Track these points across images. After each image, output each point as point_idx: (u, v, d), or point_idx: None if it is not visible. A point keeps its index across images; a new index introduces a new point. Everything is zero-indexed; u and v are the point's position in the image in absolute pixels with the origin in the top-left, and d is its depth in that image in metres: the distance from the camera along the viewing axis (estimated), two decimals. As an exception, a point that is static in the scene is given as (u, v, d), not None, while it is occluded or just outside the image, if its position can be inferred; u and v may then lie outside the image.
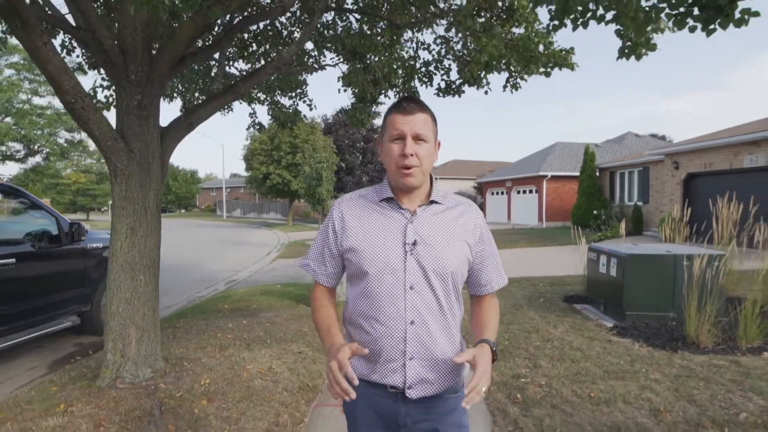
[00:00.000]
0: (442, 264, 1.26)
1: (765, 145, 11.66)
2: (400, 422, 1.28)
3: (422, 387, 1.26)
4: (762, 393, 3.13)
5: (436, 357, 1.26)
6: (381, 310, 1.25)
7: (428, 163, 1.28)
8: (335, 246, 1.35)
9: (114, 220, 3.20)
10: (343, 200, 1.39)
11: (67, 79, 2.58)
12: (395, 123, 1.26)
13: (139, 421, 2.80)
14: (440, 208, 1.33)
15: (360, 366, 1.30)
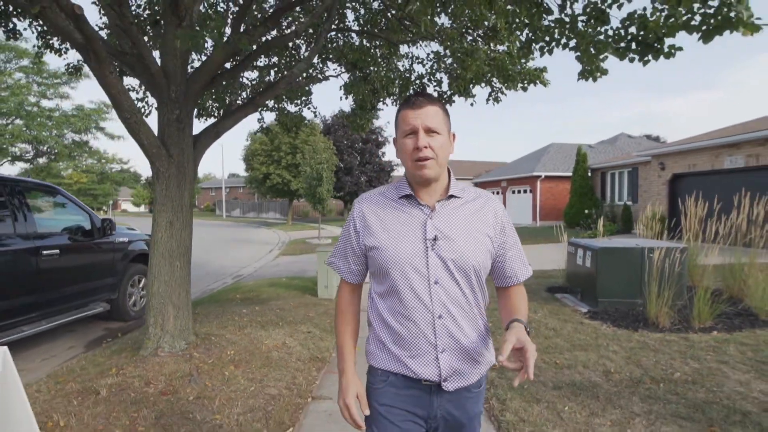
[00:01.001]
0: (464, 257, 1.27)
1: (744, 147, 12.30)
2: (431, 414, 1.31)
3: (457, 379, 1.29)
4: (698, 359, 3.74)
5: (467, 348, 1.29)
6: (407, 307, 1.27)
7: (443, 155, 1.29)
8: (357, 245, 1.37)
9: (155, 214, 3.79)
10: (363, 199, 1.41)
11: (126, 99, 3.18)
12: (407, 118, 1.28)
13: (181, 380, 3.40)
14: (459, 202, 1.34)
15: (392, 362, 1.32)
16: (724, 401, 2.98)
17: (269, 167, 29.06)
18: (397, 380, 1.31)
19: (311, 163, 15.87)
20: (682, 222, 6.43)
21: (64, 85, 19.03)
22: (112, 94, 3.12)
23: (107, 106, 19.23)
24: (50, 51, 5.86)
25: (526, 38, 3.68)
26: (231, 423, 2.87)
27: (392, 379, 1.31)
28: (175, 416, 2.94)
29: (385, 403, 1.32)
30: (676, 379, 3.37)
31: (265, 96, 4.38)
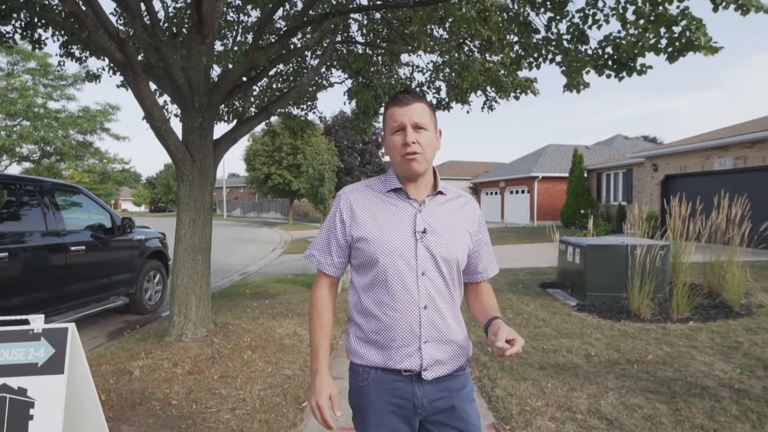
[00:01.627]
0: (450, 251, 1.32)
1: (732, 149, 12.71)
2: (417, 404, 1.32)
3: (437, 368, 1.32)
4: (671, 345, 4.13)
5: (449, 338, 1.33)
6: (395, 297, 1.30)
7: (430, 151, 1.33)
8: (343, 236, 1.38)
9: (180, 213, 4.17)
10: (349, 191, 1.43)
11: (157, 110, 3.56)
12: (394, 115, 1.32)
13: (205, 362, 3.78)
14: (444, 199, 1.40)
15: (374, 355, 1.34)
16: (688, 378, 3.37)
17: (270, 167, 29.41)
18: (378, 375, 1.33)
19: (313, 164, 16.24)
20: (667, 221, 6.82)
21: (69, 87, 19.38)
22: (145, 105, 3.50)
23: (112, 107, 19.58)
24: (71, 59, 6.23)
25: (516, 54, 4.07)
26: (253, 397, 3.26)
27: (374, 375, 1.34)
28: (203, 392, 3.32)
29: (371, 398, 1.34)
30: (649, 360, 3.76)
31: (277, 104, 4.77)
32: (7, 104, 16.96)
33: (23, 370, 2.23)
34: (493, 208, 29.04)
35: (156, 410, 3.05)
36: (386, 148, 1.38)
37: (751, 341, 4.14)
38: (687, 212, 6.71)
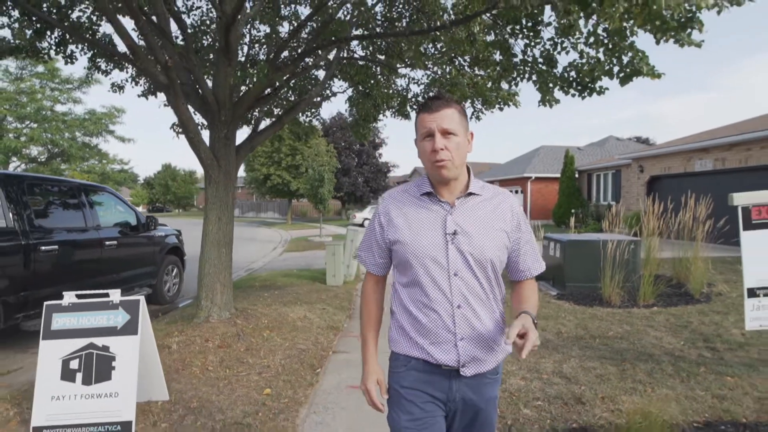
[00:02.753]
0: (481, 251, 1.34)
1: (712, 152, 13.42)
2: (450, 397, 1.38)
3: (475, 365, 1.36)
4: (631, 324, 4.80)
5: (484, 336, 1.36)
6: (429, 297, 1.35)
7: (460, 155, 1.35)
8: (382, 239, 1.46)
9: (206, 211, 4.80)
10: (388, 196, 1.50)
11: (192, 123, 4.19)
12: (424, 122, 1.35)
13: (232, 338, 4.42)
14: (478, 200, 1.41)
15: (413, 348, 1.40)
16: (638, 348, 4.03)
17: (270, 168, 29.99)
18: (418, 365, 1.39)
19: (313, 166, 16.87)
20: (642, 219, 7.49)
21: (76, 90, 19.92)
22: (182, 120, 4.13)
23: (118, 110, 20.15)
24: (98, 72, 6.84)
25: (498, 72, 4.73)
26: (276, 365, 3.89)
27: (413, 363, 1.39)
28: (233, 361, 3.95)
29: (406, 385, 1.40)
30: (609, 336, 4.43)
31: (289, 115, 5.41)
32: (18, 107, 17.51)
33: (106, 332, 2.87)
34: (488, 208, 29.65)
35: (197, 373, 3.68)
36: (418, 152, 1.42)
37: (700, 321, 4.81)
38: (660, 211, 7.41)
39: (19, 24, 5.82)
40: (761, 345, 3.99)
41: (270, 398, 3.28)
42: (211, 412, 3.04)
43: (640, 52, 3.64)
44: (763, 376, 3.31)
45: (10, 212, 4.42)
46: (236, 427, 2.84)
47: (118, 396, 2.79)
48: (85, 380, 2.81)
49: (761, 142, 11.83)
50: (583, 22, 3.11)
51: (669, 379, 3.34)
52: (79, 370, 2.82)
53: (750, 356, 3.74)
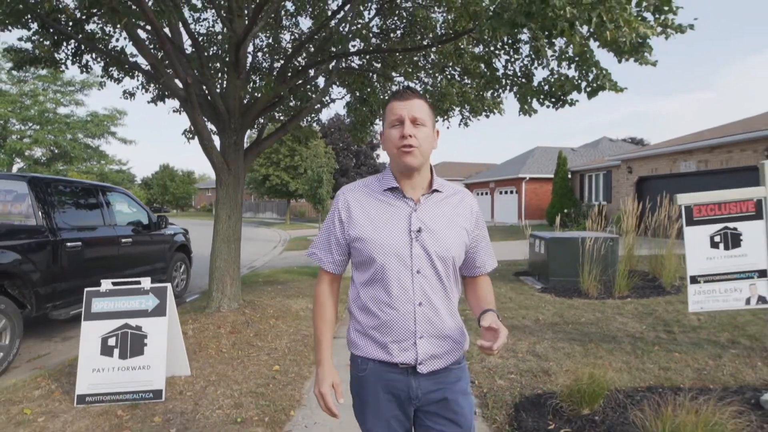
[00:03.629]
0: (445, 249, 1.34)
1: (695, 153, 13.96)
2: (412, 395, 1.36)
3: (432, 362, 1.35)
4: (603, 312, 5.29)
5: (443, 334, 1.36)
6: (391, 295, 1.33)
7: (427, 146, 1.34)
8: (341, 235, 1.41)
9: (217, 210, 5.27)
10: (347, 190, 1.45)
11: (206, 132, 4.66)
12: (394, 109, 1.34)
13: (241, 325, 4.89)
14: (441, 197, 1.41)
15: (371, 348, 1.38)
16: (605, 332, 4.53)
17: (268, 169, 30.42)
18: (376, 366, 1.38)
19: (312, 167, 17.34)
20: (622, 218, 7.99)
21: (78, 92, 20.33)
22: (197, 129, 4.60)
23: (119, 112, 20.57)
24: (111, 80, 7.29)
25: (482, 85, 5.22)
26: (282, 347, 4.37)
27: (371, 366, 1.39)
28: (243, 344, 4.42)
29: (368, 387, 1.39)
30: (581, 322, 4.92)
31: (292, 122, 5.89)
32: (22, 110, 17.91)
33: (138, 314, 3.35)
34: (484, 208, 30.23)
35: (212, 354, 4.16)
36: (384, 141, 1.40)
37: (664, 309, 5.31)
38: (639, 210, 7.92)
39: (39, 36, 6.27)
40: (712, 328, 4.49)
41: (278, 373, 3.76)
42: (229, 384, 3.51)
43: (604, 70, 4.13)
44: (706, 352, 3.80)
45: (39, 211, 4.87)
46: (252, 395, 3.31)
47: (149, 368, 3.27)
48: (122, 355, 3.28)
49: (741, 144, 12.37)
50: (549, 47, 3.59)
51: (626, 356, 3.84)
52: (116, 346, 3.30)
53: (700, 337, 4.24)
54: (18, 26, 5.80)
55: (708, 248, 3.59)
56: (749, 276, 3.55)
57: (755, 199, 3.53)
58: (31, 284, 4.54)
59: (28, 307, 4.55)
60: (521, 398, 3.10)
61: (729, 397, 2.82)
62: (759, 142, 11.81)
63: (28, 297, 4.55)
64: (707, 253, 3.58)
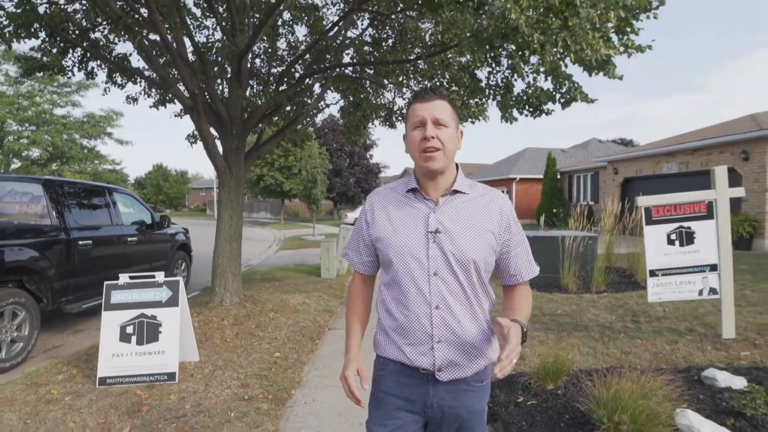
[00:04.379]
0: (463, 251, 1.30)
1: (677, 156, 14.49)
2: (427, 403, 1.34)
3: (452, 370, 1.31)
4: (579, 305, 5.71)
5: (464, 340, 1.31)
6: (408, 296, 1.33)
7: (451, 147, 1.32)
8: (367, 236, 1.44)
9: (220, 211, 5.62)
10: (374, 193, 1.48)
11: (211, 138, 5.02)
12: (416, 111, 1.32)
13: (243, 318, 5.25)
14: (465, 198, 1.37)
15: (392, 350, 1.38)
16: (578, 322, 4.94)
17: (263, 169, 30.67)
18: (396, 368, 1.36)
19: (307, 168, 17.67)
20: (602, 217, 8.43)
21: (74, 93, 20.51)
22: (203, 135, 4.96)
23: (116, 113, 20.79)
24: (114, 86, 7.61)
25: (467, 94, 5.63)
26: (282, 337, 4.74)
27: (392, 367, 1.38)
28: (246, 334, 4.79)
29: (383, 389, 1.38)
30: (558, 313, 5.34)
31: (290, 127, 6.25)
32: (20, 111, 18.09)
33: (153, 305, 3.71)
34: (475, 208, 30.66)
35: (218, 343, 4.52)
36: (406, 144, 1.38)
37: (635, 302, 5.74)
38: (618, 210, 8.37)
39: (48, 44, 6.58)
40: (674, 318, 4.92)
41: (279, 359, 4.13)
42: (235, 368, 3.88)
43: (575, 83, 4.55)
44: (665, 339, 4.23)
45: (53, 212, 5.20)
46: (256, 377, 3.68)
47: (164, 353, 3.63)
48: (139, 341, 3.64)
49: (719, 147, 12.90)
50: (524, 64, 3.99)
51: (594, 342, 4.25)
52: (134, 333, 3.65)
53: (662, 326, 4.67)
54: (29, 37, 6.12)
55: (665, 245, 4.01)
56: (702, 270, 3.98)
57: (707, 201, 3.96)
58: (47, 280, 4.87)
59: (44, 301, 4.88)
60: (497, 378, 3.49)
61: (676, 375, 3.24)
62: (736, 145, 12.34)
63: (44, 291, 4.88)
64: (664, 250, 4.00)
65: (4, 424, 2.98)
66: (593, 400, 2.52)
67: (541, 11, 3.33)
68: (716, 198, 3.93)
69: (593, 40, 3.50)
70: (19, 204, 5.23)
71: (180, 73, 4.33)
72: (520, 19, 3.04)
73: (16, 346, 4.37)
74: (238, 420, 2.99)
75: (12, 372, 4.16)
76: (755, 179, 11.78)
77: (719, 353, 3.77)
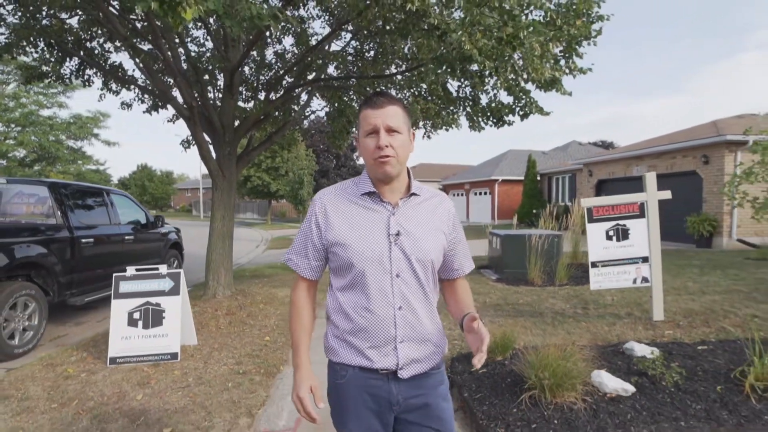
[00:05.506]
0: (424, 252, 1.35)
1: (646, 159, 15.32)
2: (393, 401, 1.36)
3: (413, 366, 1.36)
4: (539, 296, 6.34)
5: (424, 337, 1.37)
6: (371, 299, 1.33)
7: (403, 153, 1.35)
8: (319, 240, 1.41)
9: (213, 211, 6.12)
10: (323, 195, 1.44)
11: (205, 145, 5.52)
12: (368, 118, 1.33)
13: (235, 309, 5.75)
14: (419, 200, 1.42)
15: (351, 354, 1.37)
16: (536, 310, 5.56)
17: (249, 170, 30.92)
18: (356, 373, 1.37)
19: (294, 169, 18.14)
20: (572, 217, 9.10)
21: (60, 94, 20.63)
22: (198, 142, 5.46)
23: (103, 114, 20.96)
24: (109, 92, 8.03)
25: (439, 105, 6.22)
26: (271, 324, 5.26)
27: (351, 372, 1.38)
28: (238, 323, 5.30)
29: (351, 395, 1.38)
30: (519, 303, 5.96)
31: (278, 134, 6.78)
32: (6, 112, 18.21)
33: (157, 294, 4.21)
34: (459, 209, 31.44)
35: (212, 330, 5.02)
36: (360, 149, 1.39)
37: (590, 293, 6.39)
38: (583, 211, 9.01)
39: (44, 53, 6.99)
40: (618, 305, 5.57)
41: (269, 343, 4.66)
42: (229, 349, 4.40)
43: (531, 98, 5.16)
44: (606, 321, 4.86)
45: (58, 212, 5.64)
46: (249, 357, 4.21)
47: (167, 336, 4.13)
48: (144, 326, 4.13)
49: (683, 151, 13.74)
50: (483, 84, 4.60)
51: (545, 326, 4.86)
52: (140, 319, 4.15)
53: (607, 312, 5.31)
54: (30, 47, 6.53)
55: (604, 240, 4.64)
56: (635, 261, 4.62)
57: (639, 202, 4.60)
58: (54, 274, 5.32)
59: (51, 294, 5.32)
60: (458, 354, 4.07)
61: (606, 348, 3.86)
62: (698, 150, 13.17)
63: (51, 285, 5.32)
64: (604, 244, 4.64)
65: (30, 394, 3.46)
66: (527, 364, 3.10)
67: (493, 41, 3.92)
68: (647, 200, 4.57)
69: (539, 65, 4.11)
70: (27, 205, 5.66)
71: (178, 87, 4.83)
72: (473, 50, 3.62)
73: (27, 334, 4.82)
74: (234, 389, 3.51)
75: (24, 357, 4.61)
76: (714, 181, 12.61)
77: (647, 332, 4.41)
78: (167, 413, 3.12)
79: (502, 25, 3.71)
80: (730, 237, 12.35)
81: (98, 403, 3.29)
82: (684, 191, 13.73)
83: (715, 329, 4.43)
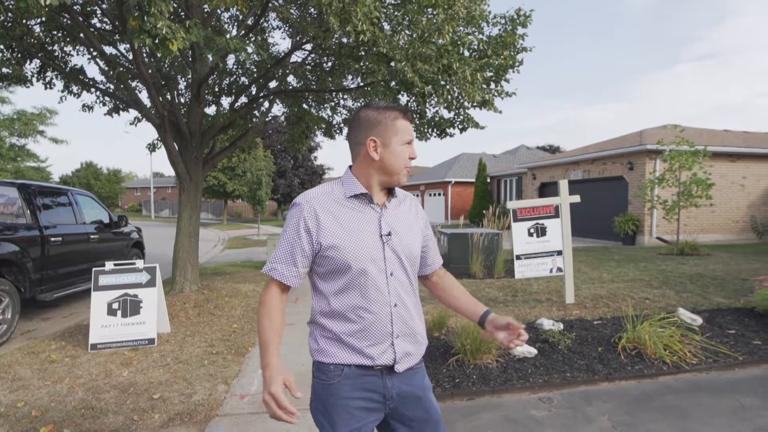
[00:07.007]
0: (411, 250, 1.46)
1: (581, 164, 16.81)
2: (387, 395, 1.42)
3: (407, 360, 1.44)
4: (477, 286, 7.21)
5: (415, 331, 1.46)
6: (368, 299, 1.38)
7: None
8: (309, 246, 1.39)
9: (180, 211, 6.55)
10: (311, 199, 1.42)
11: (175, 151, 5.97)
12: (408, 130, 1.43)
13: (203, 302, 6.22)
14: (397, 202, 1.50)
15: (346, 354, 1.39)
16: (479, 297, 6.38)
17: (205, 170, 30.67)
18: (351, 371, 1.39)
19: (252, 170, 18.41)
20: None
21: (2, 89, 19.77)
22: (168, 148, 5.90)
23: (50, 111, 20.26)
24: (70, 95, 8.20)
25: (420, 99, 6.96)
26: (237, 314, 5.80)
27: (347, 371, 1.39)
28: (206, 314, 5.79)
29: (344, 395, 1.38)
30: (460, 293, 6.78)
31: (241, 140, 7.28)
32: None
33: (135, 286, 4.68)
34: (415, 209, 32.42)
35: (183, 321, 5.50)
36: (388, 154, 1.40)
37: (521, 284, 7.33)
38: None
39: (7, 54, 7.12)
40: (542, 292, 6.52)
41: (237, 329, 5.20)
42: (201, 335, 4.92)
43: (468, 114, 6.00)
44: (528, 305, 5.76)
45: (28, 211, 5.89)
46: (220, 341, 4.75)
47: (144, 324, 4.60)
48: (123, 314, 4.58)
49: (612, 158, 15.25)
50: (425, 102, 5.37)
51: (479, 310, 5.69)
52: (119, 309, 4.59)
53: (531, 298, 6.23)
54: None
55: (527, 236, 5.53)
56: (551, 254, 5.53)
57: (554, 204, 5.52)
58: (26, 271, 5.60)
59: (23, 290, 5.59)
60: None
61: (522, 325, 4.71)
62: (624, 157, 14.70)
63: (23, 282, 5.59)
64: (526, 240, 5.52)
65: (21, 375, 3.86)
66: (455, 336, 3.87)
67: (434, 68, 4.68)
68: (561, 202, 5.49)
69: (471, 89, 4.92)
70: (-3, 205, 5.87)
71: (151, 98, 5.27)
72: (415, 77, 4.36)
73: (1, 327, 5.11)
74: (210, 365, 4.07)
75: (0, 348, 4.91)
76: (638, 186, 14.13)
77: (559, 312, 5.32)
78: (153, 385, 3.64)
79: (438, 57, 4.48)
80: (650, 235, 13.90)
81: (88, 379, 3.75)
82: (613, 194, 15.28)
83: (613, 309, 5.41)
